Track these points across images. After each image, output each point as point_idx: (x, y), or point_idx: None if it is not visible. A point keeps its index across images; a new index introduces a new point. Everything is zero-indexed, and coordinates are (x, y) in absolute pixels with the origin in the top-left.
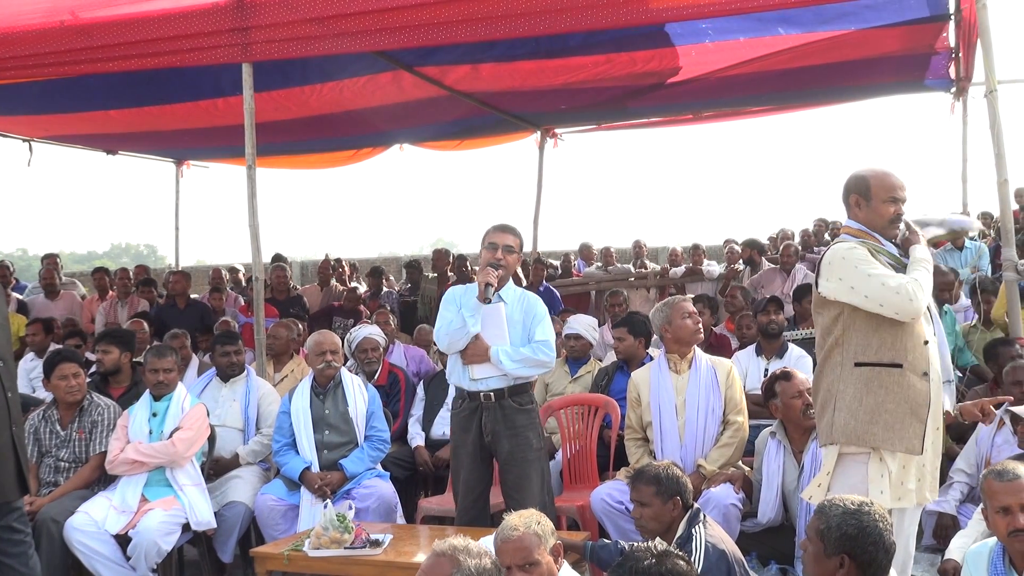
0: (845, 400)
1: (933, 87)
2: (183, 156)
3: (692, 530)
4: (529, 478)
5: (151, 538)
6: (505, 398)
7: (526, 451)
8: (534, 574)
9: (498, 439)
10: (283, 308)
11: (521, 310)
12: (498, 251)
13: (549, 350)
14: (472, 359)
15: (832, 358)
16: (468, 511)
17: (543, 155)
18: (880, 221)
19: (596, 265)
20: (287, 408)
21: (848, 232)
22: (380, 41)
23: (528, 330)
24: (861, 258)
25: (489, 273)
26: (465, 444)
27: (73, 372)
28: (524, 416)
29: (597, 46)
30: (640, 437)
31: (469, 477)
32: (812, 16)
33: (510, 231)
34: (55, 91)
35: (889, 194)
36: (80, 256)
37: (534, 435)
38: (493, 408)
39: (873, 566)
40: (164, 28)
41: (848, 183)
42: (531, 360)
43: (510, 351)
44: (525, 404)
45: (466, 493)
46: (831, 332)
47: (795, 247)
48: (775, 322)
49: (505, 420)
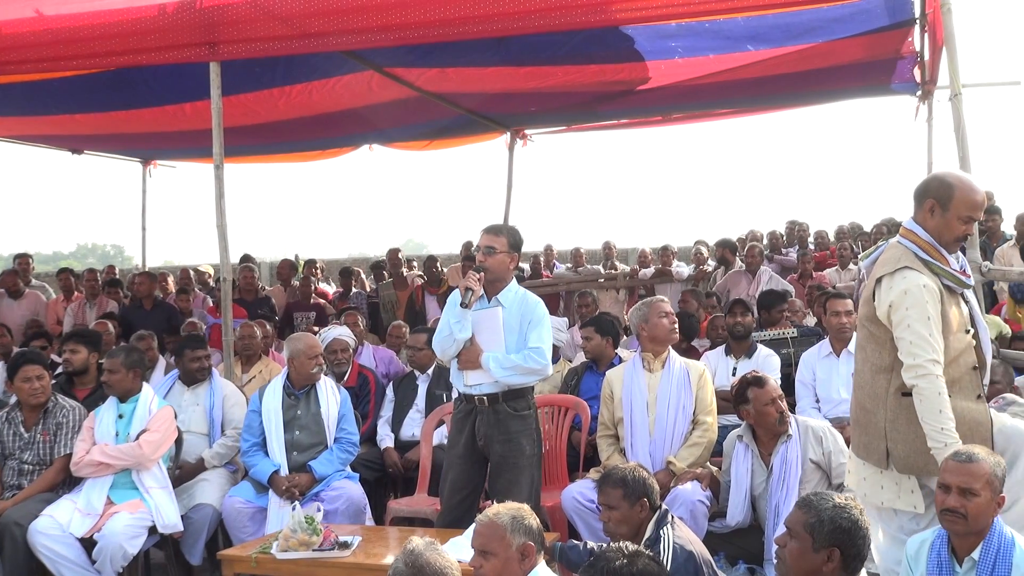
0: (900, 432)
1: (899, 91)
2: (150, 156)
3: (660, 531)
4: (519, 484)
5: (117, 541)
6: (499, 403)
7: (518, 457)
8: (488, 562)
9: (491, 443)
10: (251, 309)
11: (519, 314)
12: (480, 254)
13: (542, 357)
14: (466, 365)
15: (878, 381)
16: (452, 511)
17: (513, 156)
18: (949, 236)
19: (566, 266)
20: (257, 407)
21: (913, 240)
22: (349, 41)
23: (524, 335)
24: (927, 306)
25: (470, 278)
26: (457, 445)
27: (37, 374)
28: (519, 422)
29: (566, 59)
30: (611, 434)
31: (458, 477)
32: (781, 33)
33: (491, 230)
34: (19, 94)
35: (968, 212)
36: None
37: (527, 441)
38: (487, 412)
39: (858, 559)
40: (132, 27)
41: (930, 184)
42: (521, 368)
43: (500, 358)
44: (521, 410)
45: (452, 493)
46: (880, 354)
47: (760, 248)
48: (741, 324)
49: (499, 425)
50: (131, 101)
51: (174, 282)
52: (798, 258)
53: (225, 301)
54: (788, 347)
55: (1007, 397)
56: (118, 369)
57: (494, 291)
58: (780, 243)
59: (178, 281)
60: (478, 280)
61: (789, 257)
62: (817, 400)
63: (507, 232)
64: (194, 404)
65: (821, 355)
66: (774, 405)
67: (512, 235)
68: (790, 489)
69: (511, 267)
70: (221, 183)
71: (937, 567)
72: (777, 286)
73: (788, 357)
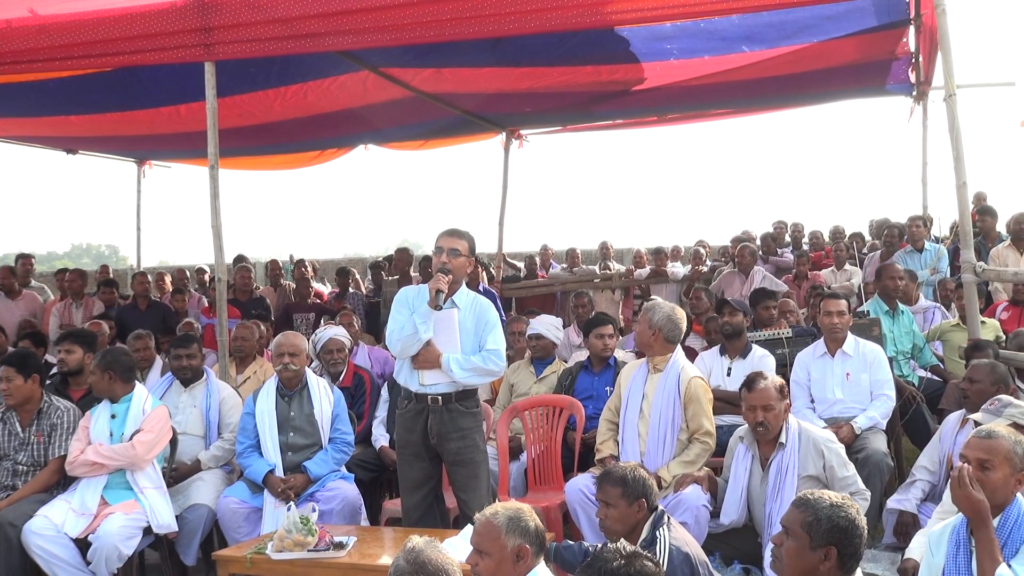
0: None
1: (894, 91)
2: (145, 156)
3: (656, 532)
4: (478, 478)
5: (111, 542)
6: (452, 402)
7: (474, 452)
8: (482, 561)
9: (444, 440)
10: (245, 309)
11: (473, 316)
12: (443, 255)
13: (499, 359)
14: (423, 365)
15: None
16: (415, 508)
17: (508, 156)
18: None
19: (561, 266)
20: (251, 409)
21: None
22: (344, 41)
23: (480, 337)
24: None
25: (440, 279)
26: (409, 444)
27: (7, 376)
28: (470, 419)
29: (562, 60)
30: (614, 420)
31: (416, 476)
32: (775, 33)
33: (453, 233)
34: (14, 95)
35: None
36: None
37: (480, 438)
38: (440, 411)
39: (854, 559)
40: (127, 27)
41: None
42: (481, 369)
43: (461, 360)
44: (471, 408)
45: (411, 491)
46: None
47: (751, 249)
48: (730, 323)
49: (452, 422)
50: (126, 103)
51: (171, 282)
52: (794, 259)
53: (220, 301)
54: (783, 347)
55: (1002, 399)
56: (94, 371)
57: (450, 293)
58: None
59: (174, 281)
60: (447, 281)
61: (784, 258)
62: (812, 400)
63: (467, 237)
64: (191, 405)
65: (816, 355)
66: (753, 413)
67: (471, 239)
68: (784, 501)
69: (468, 271)
70: (216, 183)
71: (955, 545)
72: (771, 286)
73: (783, 357)
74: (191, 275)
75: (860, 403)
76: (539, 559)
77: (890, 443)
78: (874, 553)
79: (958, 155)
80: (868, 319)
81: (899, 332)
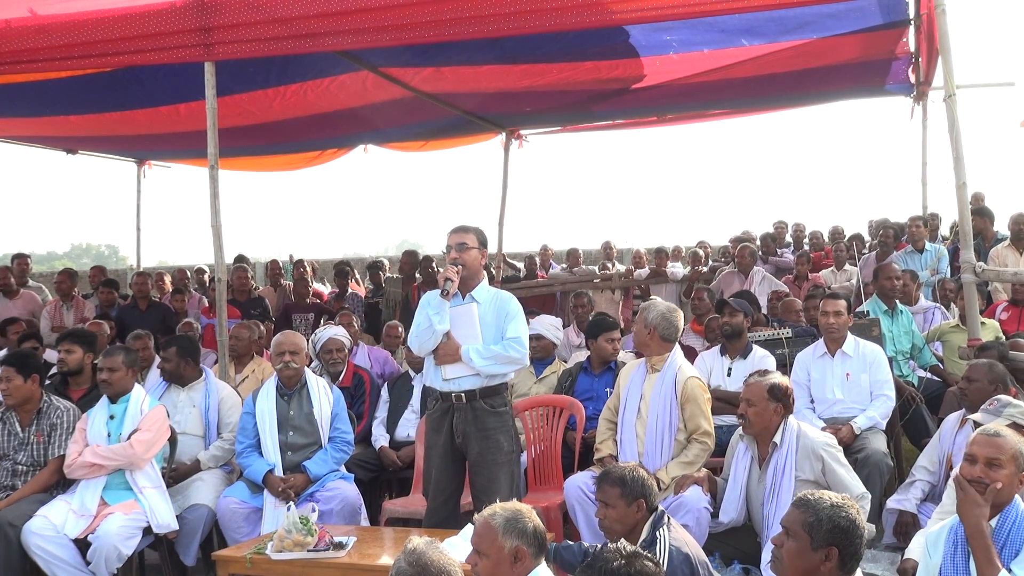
0: None
1: (894, 91)
2: (145, 156)
3: (656, 533)
4: (498, 481)
5: (111, 542)
6: (477, 400)
7: (496, 454)
8: (481, 561)
9: (468, 441)
10: (244, 309)
11: (494, 309)
12: (452, 252)
13: (520, 347)
14: (444, 359)
15: None
16: (438, 512)
17: (508, 156)
18: None
19: (561, 266)
20: (251, 409)
21: None
22: (344, 41)
23: (501, 329)
24: None
25: (449, 269)
26: (436, 445)
27: (7, 376)
28: (495, 419)
29: (561, 54)
30: (613, 420)
31: (440, 478)
32: (775, 27)
33: (460, 229)
34: (14, 95)
35: None
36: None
37: (505, 438)
38: (464, 410)
39: (855, 559)
40: (126, 27)
41: None
42: (502, 357)
43: (481, 348)
44: (497, 407)
45: (436, 494)
46: None
47: (751, 249)
48: (728, 324)
49: (476, 422)
50: (126, 103)
51: (171, 282)
52: (795, 259)
53: (219, 301)
54: (783, 347)
55: (1001, 399)
56: (118, 367)
57: (468, 288)
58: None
59: (174, 281)
60: (457, 272)
61: (784, 258)
62: (812, 401)
63: (474, 230)
64: (189, 406)
65: (816, 355)
66: (740, 404)
67: (479, 233)
68: (780, 502)
69: (482, 263)
70: (216, 183)
71: (953, 544)
72: (771, 287)
73: (783, 357)
74: (191, 275)
75: (860, 403)
76: (539, 560)
77: (890, 443)
78: (874, 553)
79: (958, 155)
80: (867, 319)
81: (898, 332)
